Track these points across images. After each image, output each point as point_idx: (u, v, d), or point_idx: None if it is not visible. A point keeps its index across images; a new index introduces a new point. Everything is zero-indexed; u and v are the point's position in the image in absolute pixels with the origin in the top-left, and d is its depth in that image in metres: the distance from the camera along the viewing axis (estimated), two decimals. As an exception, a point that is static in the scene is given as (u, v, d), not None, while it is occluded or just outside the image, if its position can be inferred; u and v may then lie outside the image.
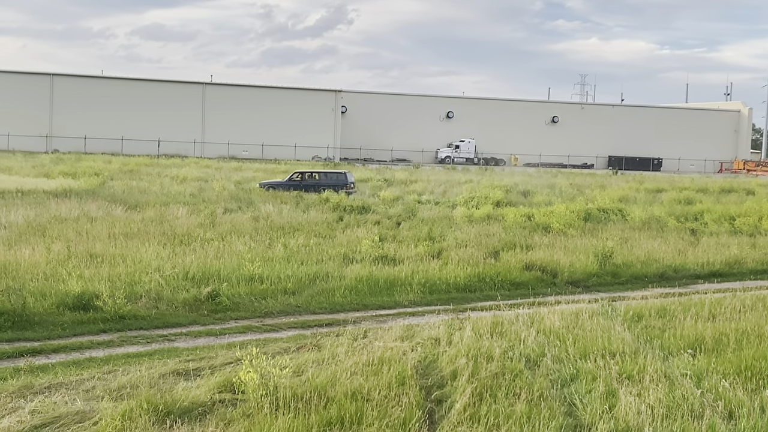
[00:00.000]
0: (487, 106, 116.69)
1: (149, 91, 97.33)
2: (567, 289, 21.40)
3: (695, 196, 48.26)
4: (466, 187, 50.16)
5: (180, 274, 19.12)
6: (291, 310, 17.87)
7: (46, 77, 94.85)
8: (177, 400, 10.35)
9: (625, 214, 35.89)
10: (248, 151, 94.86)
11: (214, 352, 13.59)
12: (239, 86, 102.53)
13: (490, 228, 29.81)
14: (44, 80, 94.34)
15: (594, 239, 27.86)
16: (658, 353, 12.90)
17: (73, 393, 11.02)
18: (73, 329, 15.43)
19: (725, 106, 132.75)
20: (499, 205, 38.14)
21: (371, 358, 12.16)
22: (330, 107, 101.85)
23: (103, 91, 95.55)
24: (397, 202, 39.39)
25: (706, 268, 24.64)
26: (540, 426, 9.80)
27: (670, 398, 10.75)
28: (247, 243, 24.09)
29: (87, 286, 17.10)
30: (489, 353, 12.49)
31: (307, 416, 9.87)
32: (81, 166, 55.55)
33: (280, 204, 35.49)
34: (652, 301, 17.80)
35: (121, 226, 26.26)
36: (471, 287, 20.83)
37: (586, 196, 45.23)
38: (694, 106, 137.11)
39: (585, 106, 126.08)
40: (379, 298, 19.26)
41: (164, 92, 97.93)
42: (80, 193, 35.80)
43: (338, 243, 25.16)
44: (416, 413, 10.06)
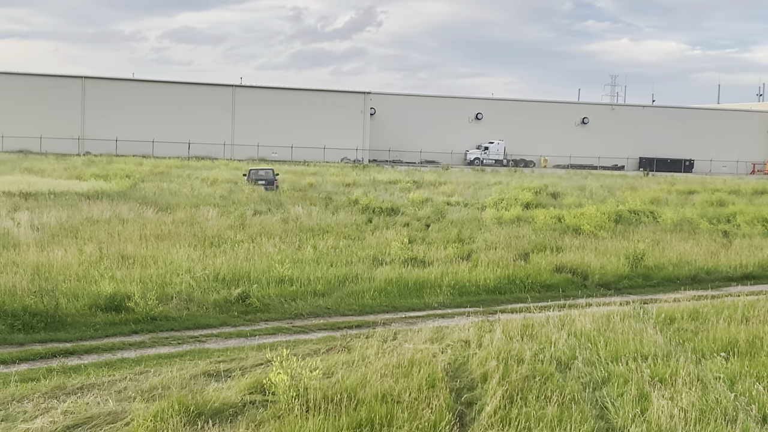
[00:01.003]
0: (516, 107, 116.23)
1: (180, 94, 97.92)
2: (598, 292, 21.26)
3: (727, 198, 47.73)
4: (496, 188, 49.97)
5: (210, 276, 19.21)
6: (321, 311, 17.90)
7: (78, 80, 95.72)
8: (208, 401, 10.40)
9: (657, 215, 35.60)
10: (277, 153, 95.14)
11: (245, 353, 13.63)
12: (268, 88, 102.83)
13: (520, 230, 29.69)
14: (76, 83, 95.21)
15: (625, 241, 27.65)
16: (691, 356, 12.77)
17: (105, 394, 11.10)
18: (105, 330, 15.55)
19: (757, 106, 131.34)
20: (529, 207, 37.95)
21: (401, 360, 12.14)
22: (359, 109, 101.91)
23: (134, 93, 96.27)
24: (426, 203, 39.32)
25: (739, 271, 24.38)
26: (571, 429, 9.73)
27: (703, 402, 10.63)
28: (276, 245, 24.16)
29: (119, 288, 17.22)
30: (519, 356, 12.43)
31: (338, 418, 9.87)
32: (112, 168, 56.01)
33: (310, 206, 35.57)
34: (684, 303, 17.63)
35: (152, 227, 26.43)
36: (501, 289, 20.76)
37: (617, 198, 44.90)
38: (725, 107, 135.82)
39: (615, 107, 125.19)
40: (409, 300, 19.24)
41: (194, 95, 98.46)
42: (112, 195, 36.08)
43: (367, 245, 25.16)
44: (446, 416, 10.03)
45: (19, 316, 15.39)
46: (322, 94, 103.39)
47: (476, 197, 44.61)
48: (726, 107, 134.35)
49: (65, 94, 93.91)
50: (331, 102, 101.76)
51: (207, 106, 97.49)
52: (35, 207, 30.34)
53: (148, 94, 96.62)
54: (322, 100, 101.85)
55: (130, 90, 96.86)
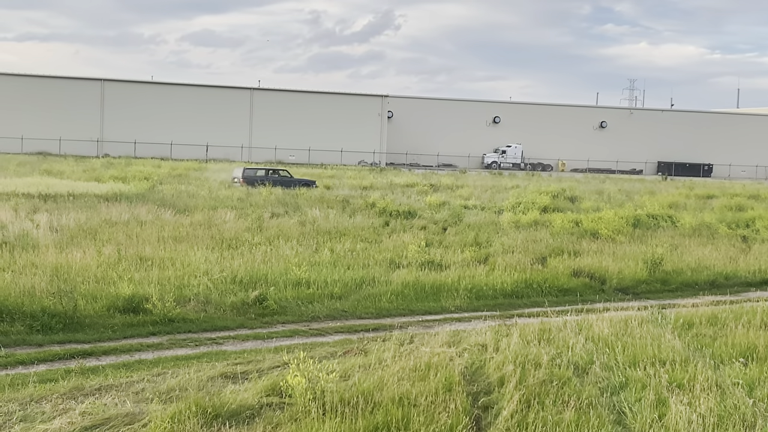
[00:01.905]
0: (534, 111, 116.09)
1: (198, 96, 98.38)
2: (616, 296, 21.16)
3: (747, 203, 47.46)
4: (513, 192, 49.89)
5: (228, 278, 19.26)
6: (337, 314, 17.92)
7: (98, 83, 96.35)
8: (225, 403, 10.42)
9: (675, 220, 35.44)
10: (295, 156, 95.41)
11: (262, 355, 13.66)
12: (286, 91, 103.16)
13: (537, 234, 29.63)
14: (95, 86, 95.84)
15: (643, 246, 27.55)
16: (709, 362, 12.69)
17: (123, 395, 11.14)
18: (123, 332, 15.62)
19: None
20: (546, 211, 37.87)
21: (418, 364, 12.12)
22: (376, 112, 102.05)
23: (152, 96, 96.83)
24: (443, 207, 39.31)
25: (758, 276, 24.24)
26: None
27: (721, 407, 10.56)
28: (294, 247, 24.21)
29: (137, 289, 17.30)
30: (537, 360, 12.39)
31: (354, 421, 9.87)
32: (131, 171, 56.32)
33: (327, 208, 35.62)
34: (702, 308, 17.55)
35: (170, 229, 26.54)
36: (518, 293, 20.71)
37: (635, 202, 44.75)
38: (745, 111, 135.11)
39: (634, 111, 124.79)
40: (426, 304, 19.24)
41: (213, 97, 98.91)
42: (130, 197, 36.26)
43: (384, 248, 25.17)
44: (463, 419, 10.01)
45: (38, 317, 15.48)
46: (339, 97, 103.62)
47: (493, 201, 44.55)
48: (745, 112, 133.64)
49: (85, 97, 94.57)
50: (348, 105, 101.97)
51: (225, 108, 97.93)
52: (54, 209, 30.53)
53: (166, 96, 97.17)
54: (340, 103, 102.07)
55: (149, 92, 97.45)
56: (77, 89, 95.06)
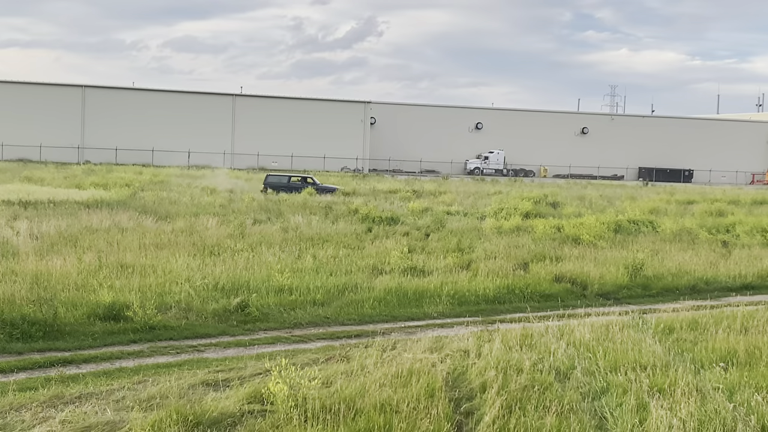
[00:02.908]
0: (516, 117, 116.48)
1: (180, 103, 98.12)
2: (597, 302, 21.25)
3: (727, 208, 47.74)
4: (495, 198, 50.02)
5: (210, 285, 19.20)
6: (320, 321, 17.89)
7: (79, 89, 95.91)
8: (206, 410, 10.38)
9: (656, 225, 35.61)
10: (277, 162, 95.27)
11: (243, 362, 13.62)
12: (269, 97, 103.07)
13: (520, 239, 29.69)
14: (76, 92, 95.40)
15: (624, 251, 27.65)
16: (690, 366, 12.74)
17: (104, 403, 11.08)
18: (104, 339, 15.53)
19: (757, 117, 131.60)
20: (529, 217, 37.98)
21: (400, 370, 12.12)
22: (359, 118, 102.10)
23: (134, 102, 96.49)
24: (426, 213, 39.33)
25: (738, 281, 24.38)
26: (570, 439, 9.72)
27: (701, 412, 10.61)
28: (276, 254, 24.16)
29: (118, 297, 17.21)
30: (518, 365, 12.42)
31: (336, 428, 9.86)
32: (112, 177, 56.07)
33: (309, 215, 35.58)
34: (683, 313, 17.63)
35: (151, 236, 26.43)
36: (500, 299, 20.75)
37: (617, 208, 44.93)
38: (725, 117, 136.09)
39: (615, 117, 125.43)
40: (408, 310, 19.23)
41: (194, 104, 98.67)
42: (111, 203, 36.08)
43: (367, 254, 25.17)
44: (445, 425, 10.02)
45: (18, 325, 15.37)
46: (322, 103, 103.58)
47: (476, 207, 44.64)
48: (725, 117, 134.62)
49: (65, 103, 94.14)
50: (331, 111, 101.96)
51: (207, 115, 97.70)
52: (34, 216, 30.34)
53: (148, 103, 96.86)
54: (323, 109, 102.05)
55: (130, 99, 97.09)
56: (58, 96, 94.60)
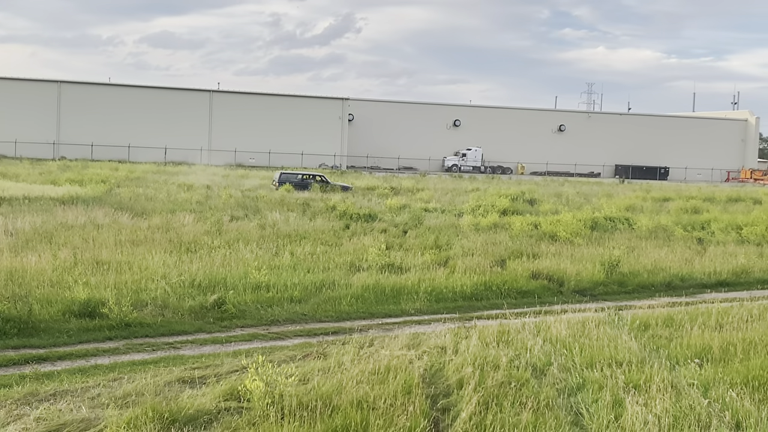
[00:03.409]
0: (494, 114, 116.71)
1: (156, 99, 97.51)
2: (573, 298, 21.35)
3: (702, 206, 48.11)
4: (473, 195, 50.12)
5: (186, 282, 19.11)
6: (297, 318, 17.86)
7: (54, 84, 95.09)
8: (182, 408, 10.33)
9: (632, 223, 35.82)
10: (255, 159, 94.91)
11: (220, 360, 13.57)
12: (246, 94, 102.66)
13: (497, 236, 29.78)
14: (52, 87, 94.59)
15: (601, 248, 27.81)
16: (665, 363, 12.83)
17: (79, 400, 11.01)
18: (79, 336, 15.43)
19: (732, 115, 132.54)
20: (506, 214, 38.10)
21: (377, 367, 12.12)
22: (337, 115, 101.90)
23: (110, 98, 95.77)
24: (404, 210, 39.36)
25: (713, 278, 24.57)
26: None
27: (676, 408, 10.69)
28: (253, 251, 24.09)
29: (93, 294, 17.10)
30: (495, 362, 12.46)
31: (313, 425, 9.84)
32: (88, 173, 55.68)
33: (287, 212, 35.50)
34: (658, 310, 17.76)
35: (127, 233, 26.28)
36: (477, 296, 20.80)
37: (593, 205, 45.15)
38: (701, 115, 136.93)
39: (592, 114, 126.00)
40: (386, 307, 19.24)
41: (171, 100, 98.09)
42: (87, 200, 35.83)
43: (345, 251, 25.15)
44: (422, 422, 10.02)
45: (-8, 322, 15.24)
46: (300, 99, 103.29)
47: (454, 204, 44.72)
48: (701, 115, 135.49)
49: (41, 99, 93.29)
50: (309, 108, 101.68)
51: (184, 111, 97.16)
52: (9, 212, 30.08)
53: (124, 98, 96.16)
54: (300, 105, 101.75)
55: (107, 95, 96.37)
56: (33, 91, 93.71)
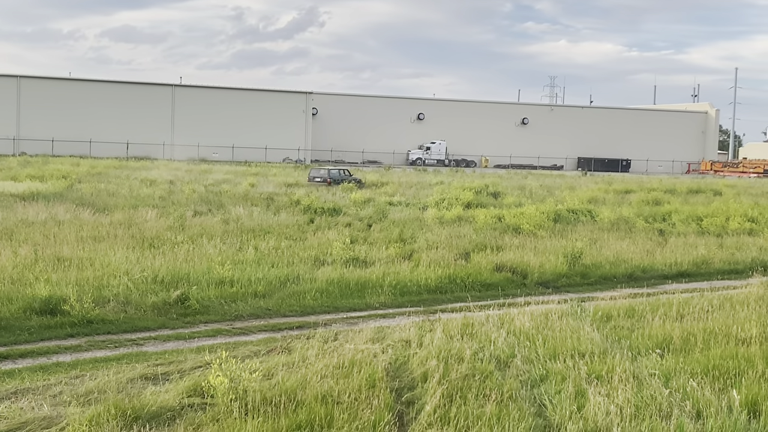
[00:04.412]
0: (457, 107, 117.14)
1: (118, 93, 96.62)
2: (537, 290, 21.49)
3: (663, 197, 48.64)
4: (437, 188, 50.25)
5: (149, 278, 18.95)
6: (261, 313, 17.79)
7: (13, 79, 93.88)
8: (145, 404, 10.26)
9: (594, 215, 36.11)
10: (218, 153, 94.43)
11: (183, 356, 13.49)
12: (209, 88, 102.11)
13: (461, 229, 29.88)
14: (11, 82, 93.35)
15: (563, 240, 28.00)
16: (627, 353, 12.96)
17: (40, 398, 10.90)
18: (40, 334, 15.24)
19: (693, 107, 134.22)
20: (470, 207, 38.24)
21: (342, 361, 12.12)
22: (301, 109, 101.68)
23: (70, 93, 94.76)
24: (368, 204, 39.36)
25: (674, 269, 24.83)
26: (510, 427, 9.81)
27: (638, 398, 10.80)
28: (217, 246, 23.96)
29: (54, 290, 16.90)
30: (459, 355, 12.50)
31: (277, 420, 9.82)
32: (48, 169, 55.03)
33: (251, 206, 35.35)
34: (620, 301, 17.91)
35: (89, 229, 26.02)
36: (442, 289, 20.84)
37: (556, 198, 45.47)
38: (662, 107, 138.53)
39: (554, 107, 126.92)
40: (350, 301, 19.22)
41: (133, 94, 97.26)
42: (48, 196, 35.43)
43: (309, 245, 25.10)
44: (386, 416, 10.04)
45: (-49, 320, 15.02)
46: (263, 93, 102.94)
47: (418, 197, 44.80)
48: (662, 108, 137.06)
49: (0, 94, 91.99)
50: (272, 102, 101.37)
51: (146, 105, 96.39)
52: (-32, 209, 29.65)
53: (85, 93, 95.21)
54: (264, 100, 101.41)
55: (67, 89, 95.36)
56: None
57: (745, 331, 14.73)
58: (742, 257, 26.94)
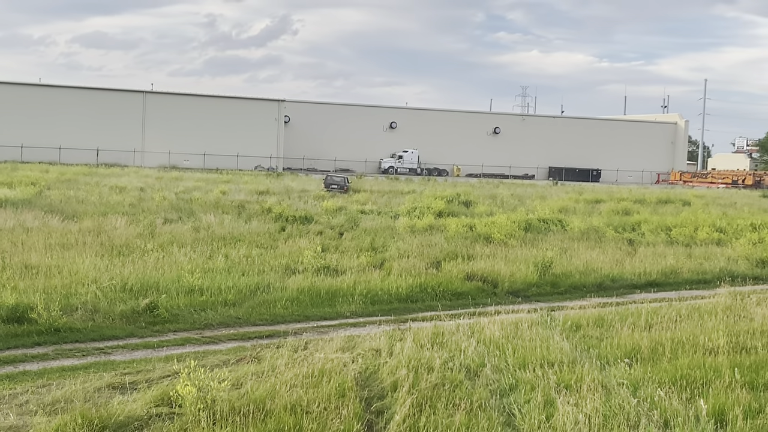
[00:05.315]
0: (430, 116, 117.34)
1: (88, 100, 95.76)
2: (507, 299, 21.55)
3: (633, 207, 48.98)
4: (409, 197, 50.29)
5: (117, 286, 18.81)
6: (231, 321, 17.70)
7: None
8: (112, 414, 10.18)
9: (565, 224, 36.29)
10: (189, 161, 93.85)
11: (152, 365, 13.39)
12: (181, 95, 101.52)
13: (433, 238, 29.92)
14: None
15: (534, 249, 28.11)
16: (596, 363, 13.04)
17: (6, 407, 10.78)
18: (7, 342, 15.07)
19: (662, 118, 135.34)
20: (442, 216, 38.29)
21: (311, 370, 12.09)
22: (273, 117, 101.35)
23: (40, 99, 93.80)
24: (340, 212, 39.28)
25: (643, 278, 25.02)
26: (479, 436, 9.83)
27: (606, 407, 10.86)
28: (187, 254, 23.82)
29: (21, 298, 16.72)
30: (429, 364, 12.51)
31: (245, 430, 9.78)
32: (17, 176, 54.42)
33: (222, 214, 35.19)
34: (590, 310, 18.01)
35: (57, 236, 25.76)
36: (413, 298, 20.86)
37: (527, 207, 45.65)
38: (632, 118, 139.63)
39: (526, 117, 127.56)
40: (321, 309, 19.18)
41: (103, 101, 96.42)
42: (16, 203, 35.04)
43: (280, 254, 25.02)
44: (355, 425, 10.03)
45: None
46: (235, 101, 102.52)
47: (390, 206, 44.78)
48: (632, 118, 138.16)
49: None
50: (244, 109, 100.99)
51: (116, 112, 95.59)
52: (-66, 215, 29.26)
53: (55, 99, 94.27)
54: (236, 107, 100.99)
55: (37, 95, 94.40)
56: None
57: (712, 340, 14.87)
58: (710, 267, 27.20)
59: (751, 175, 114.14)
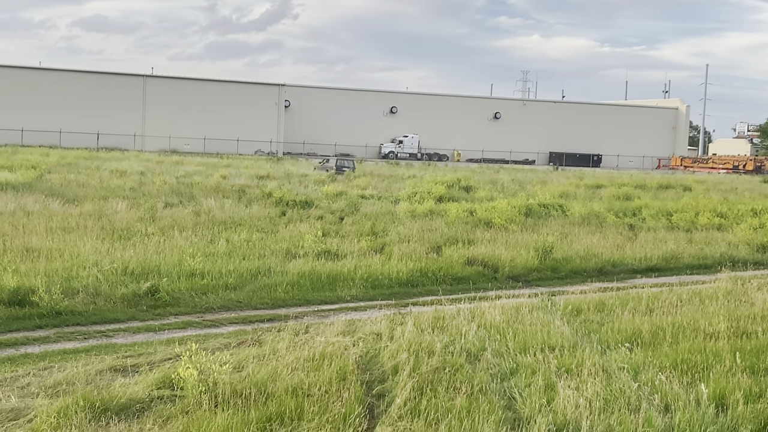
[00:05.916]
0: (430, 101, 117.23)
1: (88, 84, 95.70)
2: (508, 284, 21.56)
3: (634, 192, 48.98)
4: (410, 182, 50.28)
5: (119, 269, 18.81)
6: (232, 305, 17.72)
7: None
8: (114, 396, 10.19)
9: (565, 209, 36.28)
10: (190, 145, 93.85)
11: (153, 348, 13.40)
12: (181, 79, 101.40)
13: (433, 223, 29.92)
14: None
15: (535, 234, 28.11)
16: (597, 347, 13.05)
17: (8, 390, 10.79)
18: (8, 325, 15.10)
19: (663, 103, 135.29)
20: (442, 201, 38.30)
21: (312, 354, 12.10)
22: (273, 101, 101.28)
23: (41, 82, 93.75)
24: (341, 197, 39.29)
25: (644, 263, 25.02)
26: (479, 420, 9.84)
27: (607, 392, 10.88)
28: (188, 238, 23.83)
29: (23, 281, 16.74)
30: (430, 348, 12.52)
31: (247, 412, 9.79)
32: (18, 159, 54.44)
33: (222, 198, 35.20)
34: (590, 295, 18.01)
35: (58, 220, 25.78)
36: (413, 282, 20.86)
37: (528, 192, 45.65)
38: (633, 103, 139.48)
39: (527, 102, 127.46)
40: (322, 294, 19.19)
41: (104, 84, 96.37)
42: (17, 186, 35.05)
43: (281, 238, 25.02)
44: (356, 408, 10.04)
45: None
46: (236, 85, 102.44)
47: (390, 191, 44.79)
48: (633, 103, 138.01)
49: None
50: (245, 94, 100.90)
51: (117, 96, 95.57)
52: (-65, 198, 29.27)
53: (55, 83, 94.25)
54: (236, 91, 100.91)
55: (37, 79, 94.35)
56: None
57: (713, 325, 14.88)
58: (710, 252, 27.20)
59: (752, 161, 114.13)
